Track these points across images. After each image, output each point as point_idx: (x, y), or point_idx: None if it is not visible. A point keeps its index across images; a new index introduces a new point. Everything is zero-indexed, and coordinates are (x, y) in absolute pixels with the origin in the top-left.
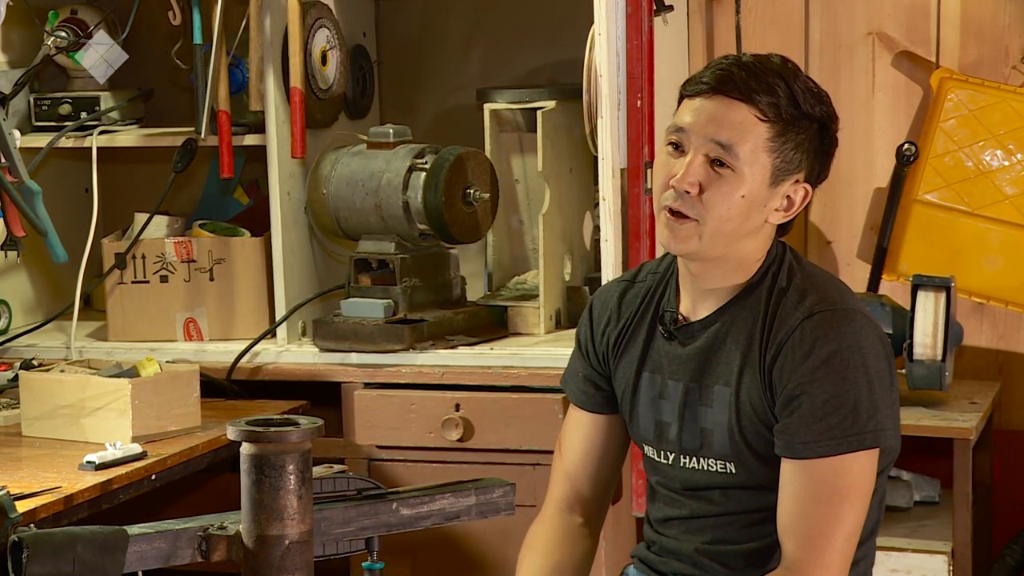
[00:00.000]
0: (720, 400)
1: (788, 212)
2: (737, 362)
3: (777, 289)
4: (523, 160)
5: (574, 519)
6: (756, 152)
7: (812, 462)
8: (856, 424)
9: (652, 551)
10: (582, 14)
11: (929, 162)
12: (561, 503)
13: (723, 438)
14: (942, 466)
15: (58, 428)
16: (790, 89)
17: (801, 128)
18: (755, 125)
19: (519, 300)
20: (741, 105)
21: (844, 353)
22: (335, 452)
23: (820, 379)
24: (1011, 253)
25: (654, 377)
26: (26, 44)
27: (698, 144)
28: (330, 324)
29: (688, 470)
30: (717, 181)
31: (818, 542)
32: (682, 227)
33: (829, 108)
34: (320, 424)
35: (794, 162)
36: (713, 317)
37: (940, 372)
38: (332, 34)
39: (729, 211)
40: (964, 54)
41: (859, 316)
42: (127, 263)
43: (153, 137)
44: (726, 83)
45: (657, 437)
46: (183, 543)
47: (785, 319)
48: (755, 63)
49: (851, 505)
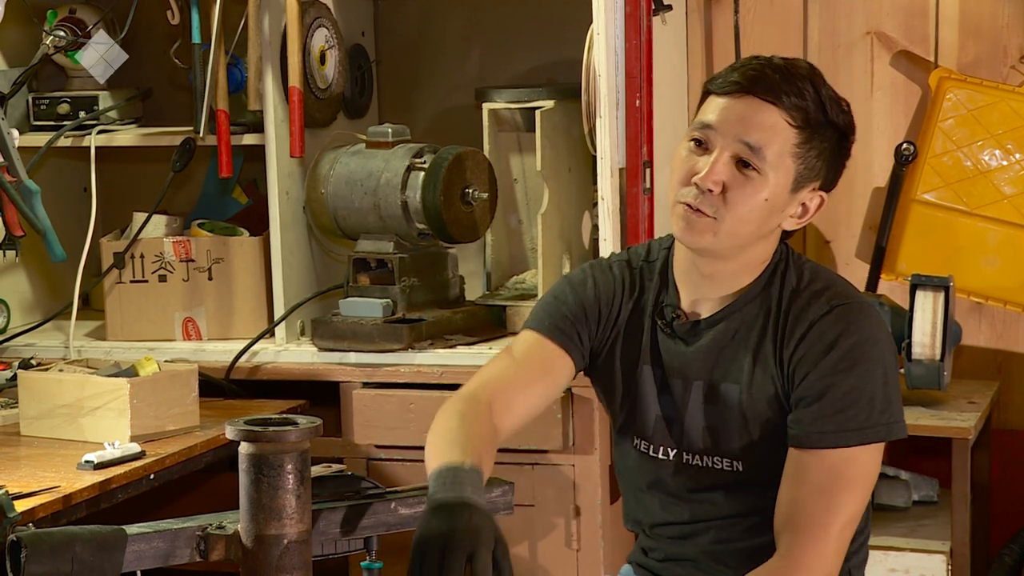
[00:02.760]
0: (729, 398)
1: (802, 219)
2: (748, 360)
3: (788, 287)
4: (522, 160)
5: (490, 419)
6: (783, 156)
7: (824, 452)
8: (871, 417)
9: (651, 557)
10: (581, 14)
11: (928, 162)
12: (482, 401)
13: (733, 436)
14: (940, 466)
15: (56, 427)
16: (819, 95)
17: (825, 136)
18: (784, 129)
19: (518, 300)
20: (771, 108)
21: (865, 346)
22: (334, 451)
23: (843, 371)
24: (1009, 253)
25: (655, 372)
26: (24, 43)
27: (725, 143)
28: (329, 323)
29: (692, 467)
30: (742, 182)
31: (815, 530)
32: (699, 221)
33: (850, 118)
34: (319, 424)
35: (815, 169)
36: (719, 316)
37: (939, 372)
38: (331, 33)
39: (750, 213)
40: (963, 53)
41: (872, 309)
42: (126, 262)
43: (152, 136)
44: (758, 83)
45: (656, 433)
46: (181, 543)
47: (801, 315)
48: (786, 66)
49: (852, 494)
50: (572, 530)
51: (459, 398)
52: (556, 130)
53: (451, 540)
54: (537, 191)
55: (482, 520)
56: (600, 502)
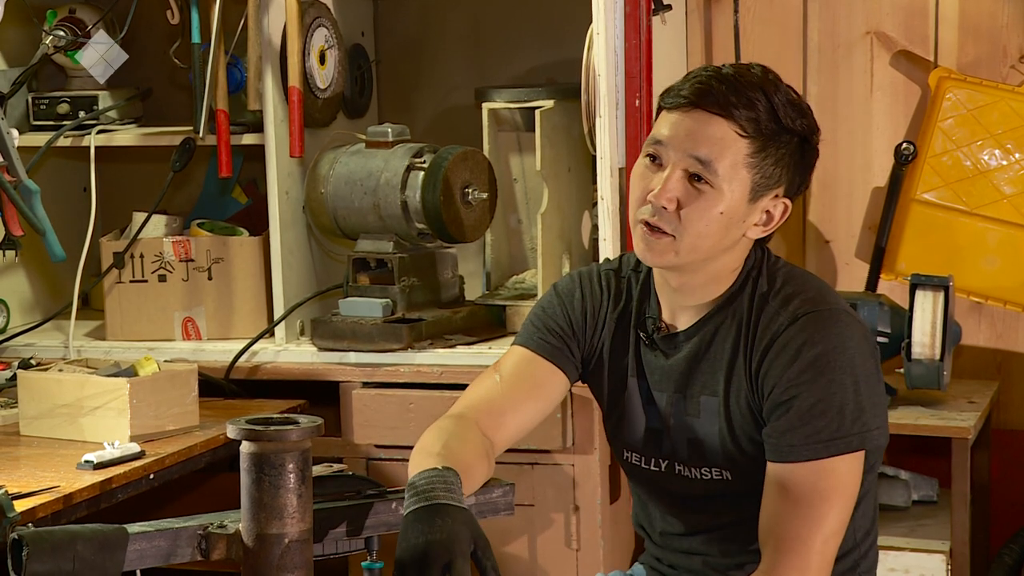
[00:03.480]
0: (707, 410)
1: (767, 227)
2: (723, 372)
3: (759, 295)
4: (521, 159)
5: (479, 432)
6: (736, 168)
7: (796, 465)
8: (842, 427)
9: (664, 564)
10: (580, 13)
11: (927, 161)
12: (469, 418)
13: (715, 448)
14: (940, 465)
15: (56, 427)
16: (771, 103)
17: (781, 143)
18: (735, 141)
19: (517, 299)
20: (720, 120)
21: (830, 355)
22: (333, 451)
23: (807, 383)
24: (1009, 252)
25: (640, 384)
26: (24, 43)
27: (676, 159)
28: (328, 323)
29: (684, 478)
30: (695, 197)
31: (794, 544)
32: (659, 242)
33: (810, 121)
34: (320, 423)
35: (774, 177)
36: (694, 328)
37: (938, 371)
38: (330, 33)
39: (707, 228)
40: (962, 53)
41: (843, 315)
42: (125, 262)
43: (151, 136)
44: (705, 97)
45: (646, 445)
46: (183, 542)
47: (769, 324)
48: (735, 76)
49: (831, 507)
50: (572, 530)
51: (445, 418)
52: (556, 130)
53: (427, 554)
54: (537, 191)
55: (457, 524)
56: (600, 502)
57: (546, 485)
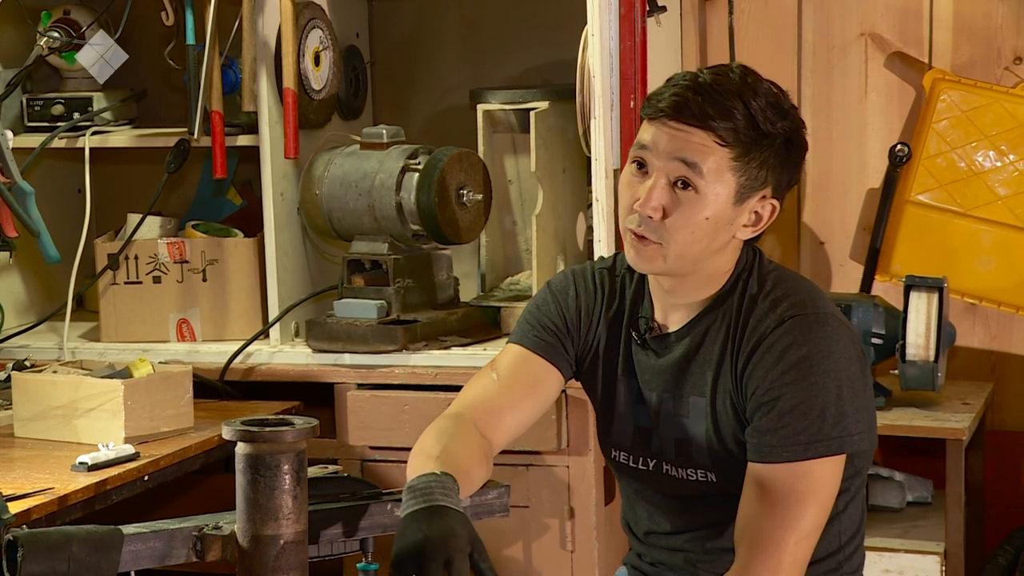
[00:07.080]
0: (696, 411)
1: (756, 227)
2: (711, 372)
3: (748, 296)
4: (516, 161)
5: (478, 433)
6: (720, 172)
7: (774, 466)
8: (822, 430)
9: (645, 561)
10: (575, 15)
11: (922, 163)
12: (468, 418)
13: (702, 448)
14: (935, 466)
15: (51, 429)
16: (749, 110)
17: (764, 147)
18: (717, 148)
19: (512, 301)
20: (699, 130)
21: (815, 358)
22: (328, 453)
23: (790, 384)
24: (1004, 254)
25: (630, 383)
26: (18, 44)
27: (660, 166)
28: (323, 325)
29: (670, 478)
30: (680, 205)
31: (767, 544)
32: (646, 249)
33: (792, 120)
34: (315, 424)
35: (759, 179)
36: (686, 329)
37: (933, 373)
38: (325, 35)
39: (694, 234)
40: (956, 55)
41: (830, 319)
42: (120, 264)
43: (146, 138)
44: (682, 111)
45: (635, 444)
46: (178, 543)
47: (757, 326)
48: (712, 84)
49: (806, 509)
50: (566, 531)
51: (443, 418)
52: (551, 131)
53: (426, 550)
54: (532, 192)
55: (455, 524)
56: (594, 503)
57: (541, 487)
